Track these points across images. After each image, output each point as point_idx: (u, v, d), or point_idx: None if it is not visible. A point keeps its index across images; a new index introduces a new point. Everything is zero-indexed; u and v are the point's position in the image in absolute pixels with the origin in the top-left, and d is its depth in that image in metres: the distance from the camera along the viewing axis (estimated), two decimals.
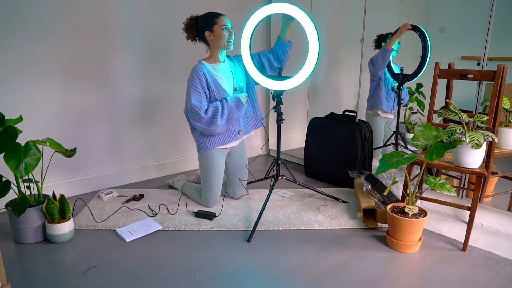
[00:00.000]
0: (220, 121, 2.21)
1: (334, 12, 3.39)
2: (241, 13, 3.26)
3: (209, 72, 2.24)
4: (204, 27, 2.23)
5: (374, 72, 3.03)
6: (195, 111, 2.18)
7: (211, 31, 2.22)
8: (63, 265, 1.79)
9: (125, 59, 2.70)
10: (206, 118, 2.19)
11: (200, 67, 2.24)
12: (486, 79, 2.01)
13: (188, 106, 2.24)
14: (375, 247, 1.97)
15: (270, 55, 2.40)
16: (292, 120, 3.65)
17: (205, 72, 2.23)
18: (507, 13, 2.37)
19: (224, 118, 2.22)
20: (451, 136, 1.86)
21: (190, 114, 2.23)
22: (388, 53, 2.93)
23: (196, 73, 2.21)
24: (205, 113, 2.19)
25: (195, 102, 2.19)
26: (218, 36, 2.22)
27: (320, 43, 2.06)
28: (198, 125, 2.22)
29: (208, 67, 2.26)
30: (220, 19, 2.22)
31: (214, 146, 2.32)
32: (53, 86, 2.44)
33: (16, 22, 2.24)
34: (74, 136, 2.59)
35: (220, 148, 2.37)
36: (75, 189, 2.64)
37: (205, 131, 2.24)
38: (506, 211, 2.16)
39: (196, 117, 2.20)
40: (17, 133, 1.81)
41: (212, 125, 2.21)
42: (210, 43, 2.27)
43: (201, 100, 2.22)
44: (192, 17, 2.28)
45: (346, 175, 2.74)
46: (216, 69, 2.29)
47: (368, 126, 2.80)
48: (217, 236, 2.08)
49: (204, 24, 2.23)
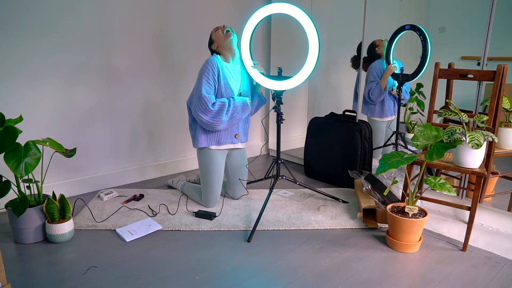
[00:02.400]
0: (225, 117, 2.21)
1: (334, 12, 3.39)
2: (241, 13, 3.26)
3: (222, 68, 2.25)
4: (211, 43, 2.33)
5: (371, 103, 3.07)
6: (204, 101, 2.16)
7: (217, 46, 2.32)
8: (63, 265, 1.79)
9: (125, 59, 2.70)
10: (213, 112, 2.18)
11: (215, 59, 2.24)
12: (486, 79, 2.01)
13: (196, 96, 2.21)
14: (375, 247, 1.97)
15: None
16: (292, 120, 3.65)
17: (219, 66, 2.24)
18: (507, 13, 2.37)
19: (228, 116, 2.22)
20: (451, 136, 1.86)
21: (197, 104, 2.20)
22: (383, 94, 3.01)
23: (210, 65, 2.21)
24: (213, 106, 2.18)
25: (205, 93, 2.18)
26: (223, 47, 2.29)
27: (320, 43, 2.06)
28: (203, 117, 2.20)
29: (222, 62, 2.27)
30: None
31: (209, 144, 2.33)
32: (53, 86, 2.44)
33: (16, 22, 2.24)
34: (74, 136, 2.59)
35: (220, 149, 2.38)
36: (75, 189, 2.64)
37: (207, 124, 2.22)
38: (506, 211, 2.16)
39: (203, 108, 2.18)
40: (17, 133, 1.81)
41: (216, 120, 2.20)
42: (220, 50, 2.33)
43: (210, 93, 2.21)
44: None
45: (346, 175, 2.74)
46: (227, 68, 2.29)
47: (368, 126, 2.80)
48: (217, 236, 2.08)
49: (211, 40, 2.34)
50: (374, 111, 3.11)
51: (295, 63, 2.39)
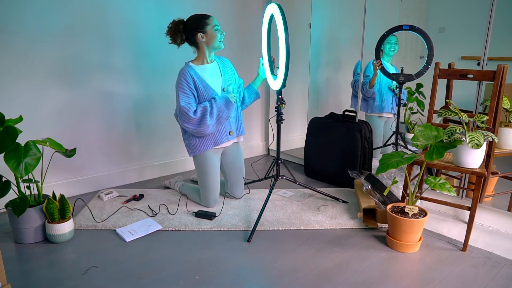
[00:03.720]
0: (210, 120, 2.21)
1: (334, 12, 3.39)
2: (241, 13, 3.26)
3: (196, 73, 2.25)
4: (195, 29, 2.22)
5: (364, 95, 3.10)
6: (184, 112, 2.19)
7: (204, 32, 2.22)
8: (63, 265, 1.79)
9: (125, 59, 2.70)
10: (195, 119, 2.20)
11: (187, 69, 2.25)
12: (486, 79, 2.01)
13: (177, 109, 2.26)
14: (375, 247, 1.97)
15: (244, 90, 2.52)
16: (292, 120, 3.66)
17: (192, 74, 2.24)
18: (507, 13, 2.37)
19: (213, 118, 2.23)
20: (451, 136, 1.86)
21: (179, 116, 2.24)
22: (369, 92, 3.05)
23: (183, 76, 2.23)
24: (194, 114, 2.20)
25: (184, 104, 2.21)
26: (211, 37, 2.23)
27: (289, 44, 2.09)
28: (188, 126, 2.23)
29: (195, 69, 2.27)
30: (211, 20, 2.23)
31: (207, 147, 2.33)
32: (53, 86, 2.44)
33: (16, 23, 2.24)
34: (74, 136, 2.59)
35: (214, 149, 2.38)
36: (75, 189, 2.64)
37: (195, 132, 2.25)
38: (506, 211, 2.16)
39: (186, 119, 2.21)
40: (17, 133, 1.81)
41: (202, 126, 2.21)
42: (201, 44, 2.26)
43: (190, 102, 2.23)
44: (179, 21, 2.25)
45: (346, 175, 2.74)
46: (203, 70, 2.29)
47: (368, 126, 2.80)
48: (217, 236, 2.08)
49: (195, 26, 2.22)
50: (373, 107, 3.11)
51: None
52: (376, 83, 3.05)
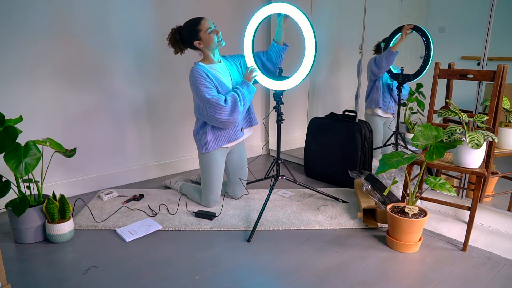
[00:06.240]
0: (241, 107, 2.19)
1: (334, 12, 3.39)
2: (241, 13, 3.26)
3: (209, 71, 2.24)
4: (190, 38, 2.22)
5: (377, 73, 3.03)
6: (215, 103, 2.14)
7: (198, 39, 2.22)
8: (63, 265, 1.79)
9: (125, 59, 2.70)
10: (228, 107, 2.16)
11: (198, 67, 2.23)
12: (486, 79, 2.01)
13: (203, 103, 2.19)
14: (375, 247, 1.97)
15: (264, 57, 2.39)
16: (292, 120, 3.65)
17: (205, 71, 2.23)
18: (507, 13, 2.37)
19: (243, 104, 2.21)
20: (451, 136, 1.86)
21: (209, 109, 2.16)
22: (393, 55, 2.94)
23: (197, 73, 2.20)
24: (225, 103, 2.16)
25: (210, 96, 2.15)
26: (208, 41, 2.21)
27: (317, 43, 2.05)
28: (221, 117, 2.16)
29: (206, 67, 2.26)
30: (202, 24, 2.20)
31: (221, 144, 2.32)
32: (53, 86, 2.44)
33: (16, 23, 2.24)
34: (74, 136, 2.59)
35: (222, 148, 2.37)
36: (75, 189, 2.64)
37: (228, 121, 2.19)
38: (506, 211, 2.16)
39: (217, 109, 2.14)
40: (17, 133, 1.81)
41: (235, 113, 2.18)
42: (202, 48, 2.27)
43: (214, 93, 2.19)
44: (174, 31, 2.26)
45: (346, 175, 2.74)
46: (214, 69, 2.29)
47: (368, 126, 2.80)
48: (217, 236, 2.08)
49: (189, 35, 2.22)
50: (377, 101, 3.10)
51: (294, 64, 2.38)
52: (379, 80, 3.05)
